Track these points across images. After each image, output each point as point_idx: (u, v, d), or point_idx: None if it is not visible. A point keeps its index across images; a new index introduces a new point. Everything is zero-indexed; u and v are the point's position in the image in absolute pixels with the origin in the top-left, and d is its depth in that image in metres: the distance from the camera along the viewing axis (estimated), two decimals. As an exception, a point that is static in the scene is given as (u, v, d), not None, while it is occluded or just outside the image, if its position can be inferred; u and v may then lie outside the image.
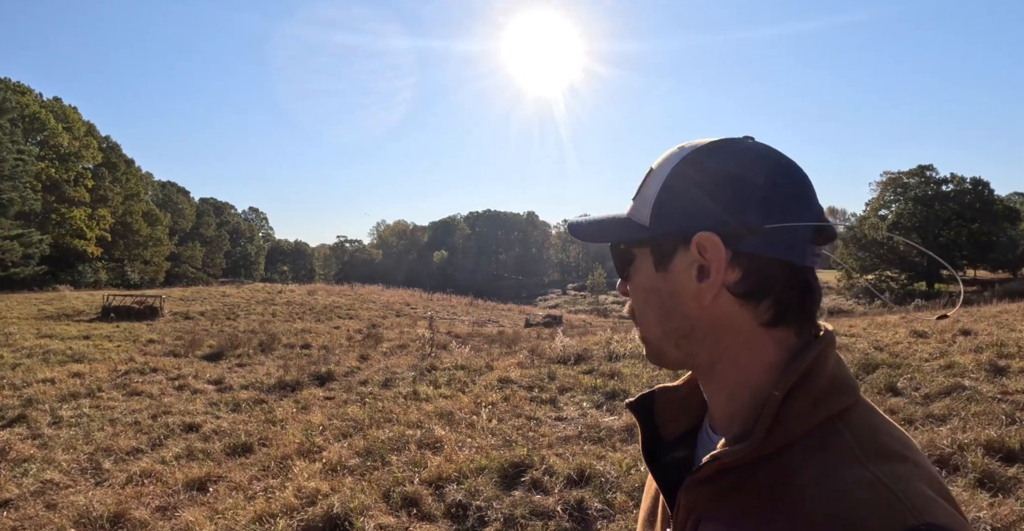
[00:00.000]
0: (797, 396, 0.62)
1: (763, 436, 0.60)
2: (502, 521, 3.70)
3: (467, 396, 7.01)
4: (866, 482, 0.56)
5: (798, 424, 0.61)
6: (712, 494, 0.64)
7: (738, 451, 0.60)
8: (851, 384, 0.65)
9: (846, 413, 0.63)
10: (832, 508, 0.55)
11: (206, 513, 3.88)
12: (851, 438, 0.60)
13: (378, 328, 16.66)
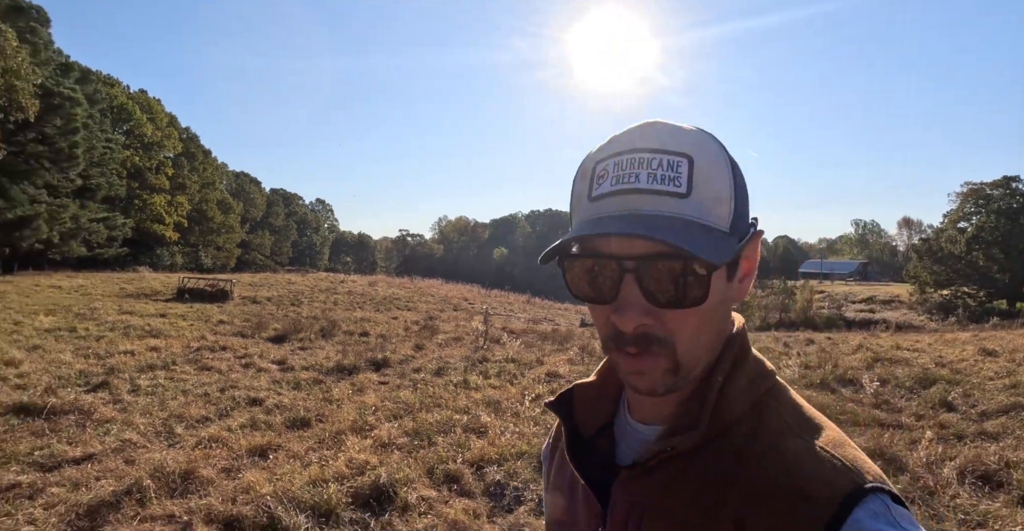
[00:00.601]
0: (735, 379, 0.64)
1: (709, 420, 0.61)
2: (537, 502, 3.90)
3: (515, 387, 7.22)
4: (809, 452, 0.59)
5: (738, 405, 0.63)
6: (656, 485, 0.63)
7: (688, 439, 0.61)
8: (769, 364, 0.69)
9: (772, 391, 0.66)
10: (784, 479, 0.57)
11: (266, 476, 4.21)
12: (784, 413, 0.64)
13: (435, 320, 17.04)
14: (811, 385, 7.41)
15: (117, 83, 52.96)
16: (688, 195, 0.58)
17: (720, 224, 0.60)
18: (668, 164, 0.58)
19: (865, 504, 0.53)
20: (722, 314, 0.63)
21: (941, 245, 43.51)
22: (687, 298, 0.57)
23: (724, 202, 0.60)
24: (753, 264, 0.65)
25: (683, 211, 0.58)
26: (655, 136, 0.61)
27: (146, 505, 3.85)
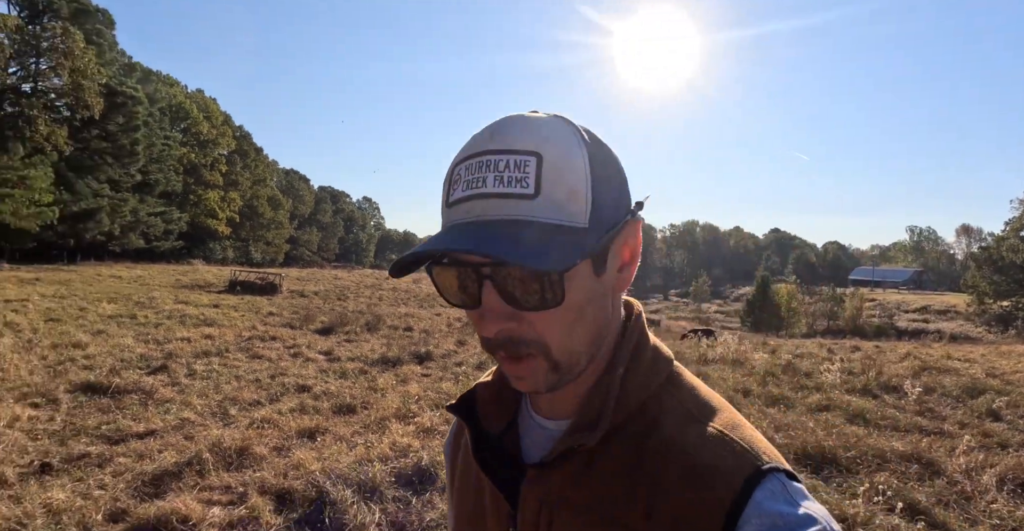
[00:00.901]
0: (635, 369, 0.64)
1: (613, 412, 0.61)
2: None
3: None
4: (710, 436, 0.60)
5: (639, 395, 0.63)
6: (565, 480, 0.63)
7: (596, 434, 0.60)
8: (668, 351, 0.69)
9: (672, 377, 0.66)
10: (687, 466, 0.58)
11: (314, 455, 4.44)
12: (683, 399, 0.64)
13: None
14: (852, 390, 7.34)
15: (176, 83, 54.80)
16: (536, 195, 0.56)
17: (575, 220, 0.57)
18: (515, 164, 0.56)
19: (764, 485, 0.56)
20: (597, 308, 0.61)
21: (1002, 254, 41.86)
22: (544, 301, 0.56)
23: (578, 197, 0.57)
24: (633, 251, 0.63)
25: (532, 212, 0.55)
26: (504, 135, 0.58)
27: (205, 476, 4.12)
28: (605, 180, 0.59)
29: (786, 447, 4.80)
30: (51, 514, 3.55)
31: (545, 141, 0.57)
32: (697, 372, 8.14)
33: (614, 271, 0.62)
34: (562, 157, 0.57)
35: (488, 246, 0.53)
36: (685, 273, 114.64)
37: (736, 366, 8.99)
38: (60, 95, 34.71)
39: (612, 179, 0.61)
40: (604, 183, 0.59)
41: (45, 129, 32.19)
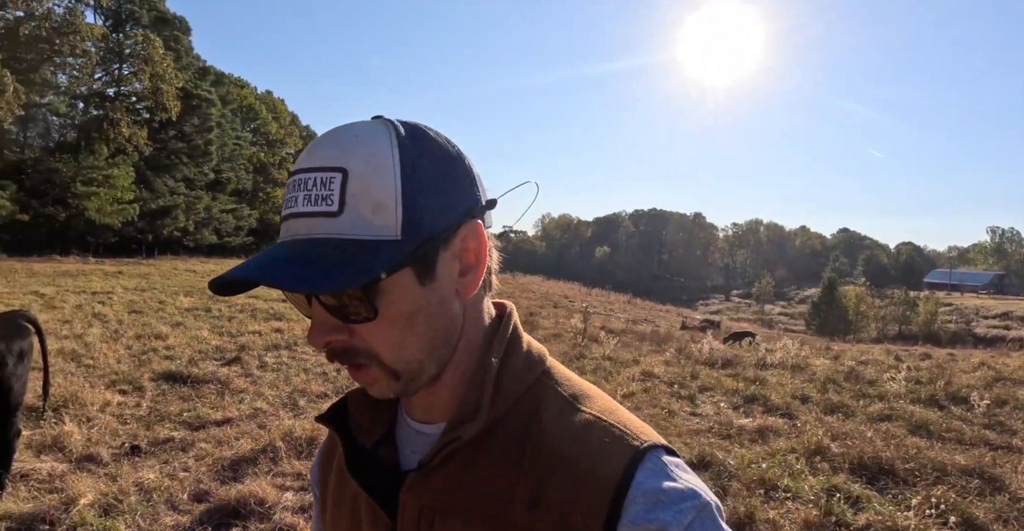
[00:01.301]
0: (508, 363, 0.64)
1: (490, 406, 0.61)
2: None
3: (609, 384, 7.43)
4: (588, 422, 0.61)
5: (515, 388, 0.63)
6: (445, 483, 0.62)
7: (472, 427, 0.60)
8: (542, 347, 0.70)
9: (546, 371, 0.67)
10: (568, 453, 0.59)
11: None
12: (559, 389, 0.65)
13: (535, 316, 17.40)
14: (917, 400, 7.14)
15: (246, 85, 56.84)
16: (340, 212, 0.56)
17: (384, 233, 0.56)
18: (322, 182, 0.57)
19: (644, 465, 0.57)
20: (431, 317, 0.60)
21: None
22: (359, 316, 0.57)
23: (386, 209, 0.57)
24: (477, 253, 0.61)
25: (336, 230, 0.56)
26: (316, 151, 0.59)
27: (278, 463, 4.41)
28: (425, 186, 0.58)
29: (841, 457, 4.77)
30: (142, 492, 3.89)
31: (352, 155, 0.57)
32: (755, 377, 8.08)
33: (452, 276, 0.61)
34: (368, 169, 0.57)
35: (273, 275, 0.54)
36: (747, 273, 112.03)
37: (796, 372, 8.86)
38: (141, 99, 36.61)
39: (436, 183, 0.59)
40: (423, 189, 0.58)
41: (127, 131, 34.01)
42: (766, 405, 6.64)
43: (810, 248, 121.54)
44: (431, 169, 0.60)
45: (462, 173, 0.62)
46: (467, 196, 0.62)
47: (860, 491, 4.12)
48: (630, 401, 6.53)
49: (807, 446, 4.99)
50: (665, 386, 7.43)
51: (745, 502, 3.85)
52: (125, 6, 37.98)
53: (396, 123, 0.61)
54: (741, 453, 4.77)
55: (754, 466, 4.49)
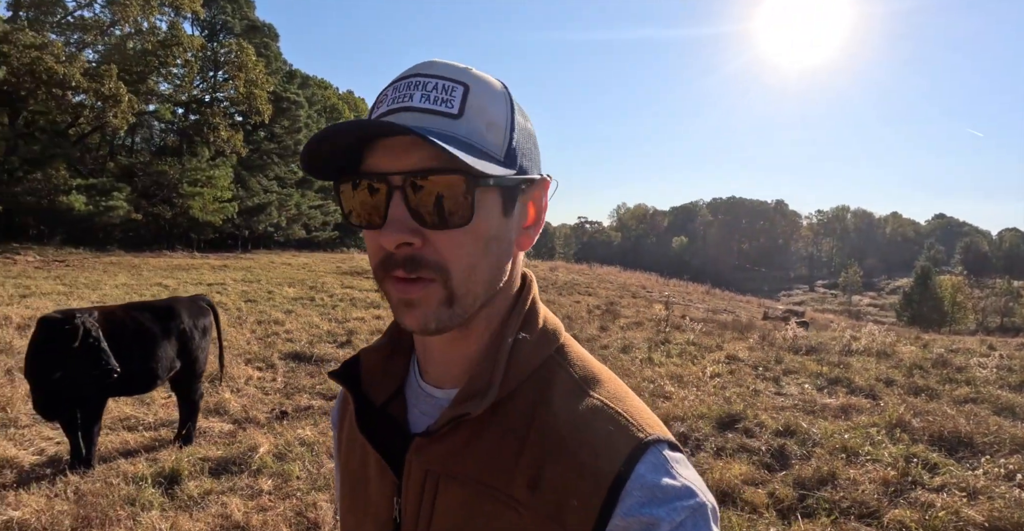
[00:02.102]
0: (523, 340, 0.64)
1: (501, 381, 0.61)
2: (714, 450, 4.63)
3: (696, 366, 7.85)
4: (596, 408, 0.61)
5: (527, 365, 0.63)
6: (450, 450, 0.62)
7: (483, 403, 0.60)
8: (558, 322, 0.70)
9: (560, 349, 0.67)
10: (573, 437, 0.59)
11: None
12: (571, 371, 0.65)
13: (615, 306, 17.77)
14: (1005, 386, 7.16)
15: (329, 86, 59.05)
16: (460, 116, 0.58)
17: (492, 150, 0.59)
18: (443, 88, 0.58)
19: (646, 458, 0.58)
20: (501, 250, 0.61)
21: None
22: (453, 216, 0.56)
23: (498, 130, 0.60)
24: (539, 212, 0.65)
25: (453, 130, 0.57)
26: (436, 65, 0.60)
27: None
28: (524, 132, 0.63)
29: (921, 430, 5.06)
30: (304, 445, 4.66)
31: (472, 79, 0.60)
32: (839, 362, 8.27)
33: (519, 223, 0.63)
34: (487, 93, 0.60)
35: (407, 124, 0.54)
36: (833, 263, 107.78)
37: (881, 358, 8.94)
38: (235, 103, 38.84)
39: (530, 137, 0.64)
40: (522, 133, 0.62)
41: (226, 134, 36.27)
42: (850, 387, 6.89)
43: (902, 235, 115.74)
44: (526, 127, 0.64)
45: (537, 145, 0.67)
46: (540, 163, 0.67)
47: (938, 459, 4.44)
48: (716, 381, 6.94)
49: (888, 420, 5.30)
50: (750, 369, 7.77)
51: (828, 463, 4.28)
52: (219, 16, 40.38)
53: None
54: (824, 425, 5.15)
55: (836, 436, 4.87)
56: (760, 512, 3.64)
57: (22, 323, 9.10)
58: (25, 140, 28.41)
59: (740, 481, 3.99)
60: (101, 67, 27.99)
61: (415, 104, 0.58)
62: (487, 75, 0.63)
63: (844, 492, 3.86)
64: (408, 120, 0.57)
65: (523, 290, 0.68)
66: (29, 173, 27.90)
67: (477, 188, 0.57)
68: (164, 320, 4.57)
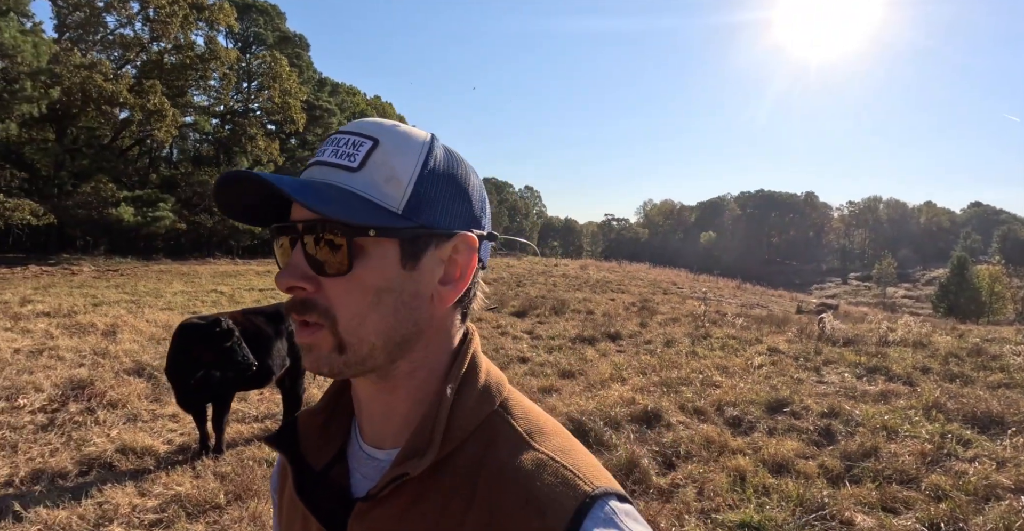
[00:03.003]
0: (464, 395, 0.64)
1: (441, 440, 0.60)
2: (766, 430, 5.15)
3: (739, 358, 8.34)
4: (542, 462, 0.60)
5: (469, 422, 0.63)
6: (393, 514, 0.61)
7: (423, 462, 0.59)
8: (501, 376, 0.69)
9: (504, 403, 0.66)
10: (521, 493, 0.58)
11: (560, 402, 5.89)
12: (515, 424, 0.64)
13: (649, 303, 18.22)
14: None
15: (358, 92, 60.18)
16: (358, 169, 0.60)
17: (387, 202, 0.60)
18: (352, 143, 0.62)
19: (593, 513, 0.57)
20: (400, 303, 0.61)
21: None
22: (331, 265, 0.59)
23: (398, 183, 0.60)
24: (461, 271, 0.64)
25: (350, 183, 0.60)
26: (363, 123, 0.64)
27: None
28: (439, 187, 0.62)
29: (956, 411, 5.52)
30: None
31: (388, 134, 0.63)
32: (876, 352, 8.68)
33: (432, 279, 0.63)
34: (397, 148, 0.62)
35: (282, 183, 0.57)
36: (866, 255, 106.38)
37: (918, 348, 9.28)
38: (270, 113, 39.98)
39: (449, 191, 0.63)
40: (436, 187, 0.62)
41: (263, 143, 37.41)
42: (888, 375, 7.33)
43: (937, 225, 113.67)
44: (448, 178, 0.63)
45: (475, 199, 0.66)
46: (472, 217, 0.65)
47: (971, 435, 4.91)
48: (760, 372, 7.42)
49: (925, 403, 5.76)
50: (791, 360, 8.23)
51: (870, 439, 4.79)
52: (251, 29, 41.59)
53: (435, 136, 0.66)
54: (866, 408, 5.64)
55: (877, 417, 5.36)
56: (812, 479, 4.17)
57: (107, 330, 9.91)
58: (72, 155, 29.73)
59: (793, 455, 4.52)
60: (146, 83, 29.15)
61: (324, 159, 0.62)
62: (413, 130, 0.65)
63: (886, 463, 4.36)
64: (316, 174, 0.62)
65: (463, 345, 0.68)
66: (78, 187, 29.18)
67: (356, 238, 0.59)
68: (275, 323, 5.20)
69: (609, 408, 5.40)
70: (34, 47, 23.54)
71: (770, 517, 3.58)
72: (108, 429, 5.29)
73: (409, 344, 0.63)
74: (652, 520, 3.46)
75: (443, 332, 0.66)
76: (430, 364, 0.65)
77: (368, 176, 0.61)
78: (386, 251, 0.60)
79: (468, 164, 0.67)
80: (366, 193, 0.60)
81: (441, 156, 0.64)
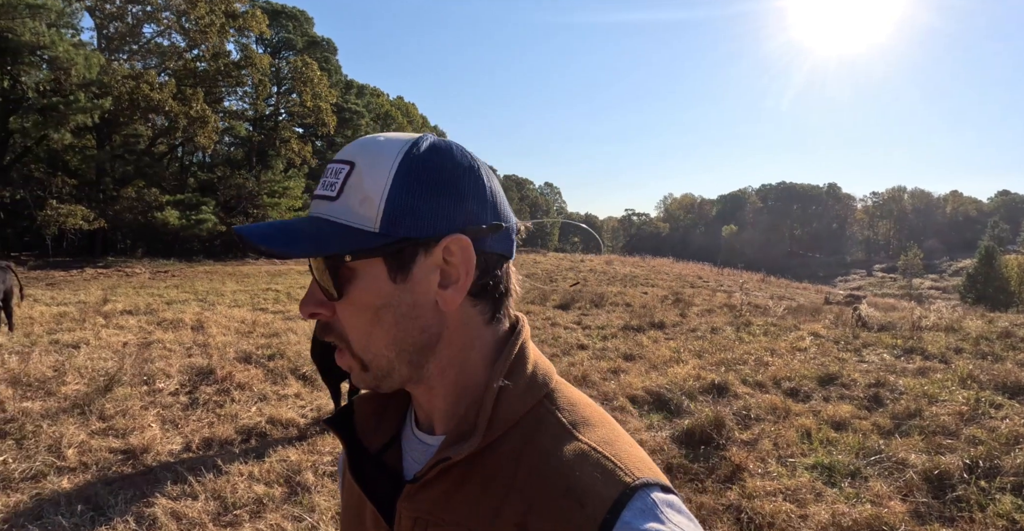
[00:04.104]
0: (513, 383, 0.65)
1: (485, 428, 0.62)
2: (821, 398, 5.92)
3: (783, 342, 9.04)
4: (584, 452, 0.61)
5: (514, 411, 0.64)
6: (438, 497, 0.64)
7: (465, 447, 0.61)
8: (550, 367, 0.70)
9: (550, 394, 0.67)
10: (559, 483, 0.59)
11: (637, 379, 6.66)
12: (560, 415, 0.65)
13: (681, 295, 18.85)
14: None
15: (382, 93, 61.12)
16: (337, 198, 0.63)
17: (364, 223, 0.62)
18: (334, 172, 0.64)
19: (632, 503, 0.58)
20: (400, 315, 0.63)
21: None
22: (329, 292, 0.63)
23: (371, 203, 0.61)
24: (458, 270, 0.63)
25: (331, 212, 0.63)
26: (346, 147, 0.66)
27: (571, 389, 6.51)
28: (416, 192, 0.62)
29: (988, 382, 6.21)
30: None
31: (364, 153, 0.64)
32: (911, 336, 9.32)
33: (430, 285, 0.63)
34: (369, 167, 0.63)
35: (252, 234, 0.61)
36: (891, 246, 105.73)
37: (950, 332, 9.88)
38: (302, 117, 41.06)
39: (430, 193, 0.63)
40: (412, 195, 0.62)
41: (297, 146, 38.52)
42: (924, 354, 7.99)
43: (963, 215, 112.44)
44: (428, 182, 0.63)
45: (468, 192, 0.64)
46: (465, 214, 0.64)
47: (1002, 400, 5.63)
48: (805, 354, 8.13)
49: (960, 375, 6.47)
50: (831, 343, 8.92)
51: (914, 403, 5.54)
52: (281, 34, 42.64)
53: (425, 137, 0.66)
54: (907, 380, 6.38)
55: (917, 387, 6.09)
56: (868, 434, 4.92)
57: (194, 325, 10.83)
58: (114, 162, 30.98)
59: (848, 416, 5.29)
60: (188, 91, 30.31)
61: (317, 192, 0.66)
62: (392, 139, 0.65)
63: (929, 420, 5.11)
64: (313, 208, 0.66)
65: (512, 336, 0.69)
66: (120, 192, 30.39)
67: (341, 266, 0.62)
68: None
69: (681, 382, 6.17)
70: (85, 59, 24.74)
71: (837, 460, 4.36)
72: (247, 406, 6.14)
73: (427, 349, 0.65)
74: (740, 465, 4.25)
75: (464, 330, 0.66)
76: (459, 361, 0.67)
77: (345, 202, 0.63)
78: (374, 270, 0.62)
79: (464, 157, 0.66)
80: (344, 219, 0.63)
81: (420, 160, 0.64)
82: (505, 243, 0.67)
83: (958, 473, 4.05)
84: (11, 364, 7.27)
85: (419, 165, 0.63)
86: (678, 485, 4.11)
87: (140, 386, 6.60)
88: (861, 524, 3.46)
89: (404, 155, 0.63)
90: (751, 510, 3.70)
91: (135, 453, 4.80)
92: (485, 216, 0.65)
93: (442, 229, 0.63)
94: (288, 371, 7.29)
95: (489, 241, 0.65)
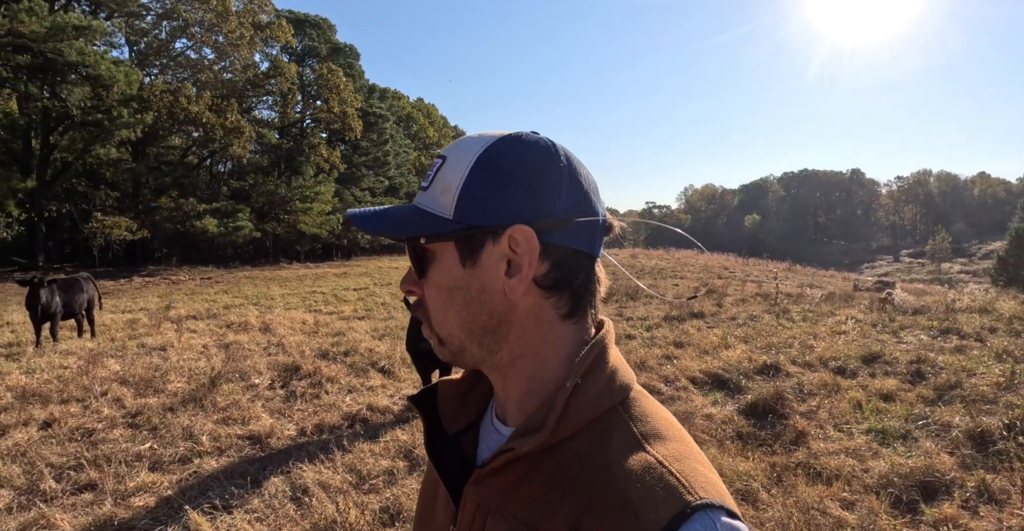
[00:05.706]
0: (585, 387, 0.65)
1: (554, 426, 0.63)
2: (868, 375, 6.45)
3: (822, 327, 9.52)
4: (648, 465, 0.61)
5: (585, 413, 0.65)
6: (502, 486, 0.66)
7: (530, 441, 0.62)
8: (630, 374, 0.71)
9: (626, 401, 0.68)
10: (620, 493, 0.59)
11: (693, 364, 7.21)
12: (632, 424, 0.65)
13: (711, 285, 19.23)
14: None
15: (403, 96, 61.85)
16: (427, 188, 0.70)
17: (441, 211, 0.67)
18: (433, 166, 0.70)
19: (690, 524, 0.56)
20: (469, 298, 0.67)
21: None
22: (416, 270, 0.70)
23: (449, 192, 0.66)
24: (520, 262, 0.66)
25: (423, 201, 0.70)
26: (454, 143, 0.71)
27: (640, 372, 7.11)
28: (490, 186, 0.66)
29: (1020, 357, 6.68)
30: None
31: (456, 147, 0.70)
32: (946, 318, 9.73)
33: (498, 272, 0.66)
34: (455, 160, 0.68)
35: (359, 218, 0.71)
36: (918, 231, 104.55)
37: (983, 314, 10.25)
38: (328, 122, 41.93)
39: (498, 183, 0.66)
40: (484, 187, 0.66)
41: (326, 152, 39.42)
42: (960, 334, 8.42)
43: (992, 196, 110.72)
44: (503, 172, 0.66)
45: (544, 185, 0.67)
46: (535, 206, 0.66)
47: (1030, 371, 6.12)
48: (846, 336, 8.62)
49: (996, 351, 6.94)
50: (870, 326, 9.38)
51: (955, 376, 6.05)
52: (305, 43, 43.54)
53: (516, 132, 0.70)
54: (946, 357, 6.87)
55: (956, 362, 6.59)
56: (913, 404, 5.46)
57: (261, 327, 11.53)
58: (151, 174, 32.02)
59: (894, 388, 5.81)
60: (222, 102, 31.28)
61: (422, 184, 0.72)
62: (483, 136, 0.70)
63: (969, 390, 5.62)
64: (415, 197, 0.73)
65: (596, 337, 0.70)
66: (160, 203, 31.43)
67: (425, 246, 0.68)
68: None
69: (736, 364, 6.74)
70: (125, 76, 25.72)
71: (889, 425, 4.94)
72: (341, 397, 6.77)
73: (494, 334, 0.68)
74: (803, 431, 4.84)
75: (537, 322, 0.68)
76: (530, 353, 0.69)
77: (432, 191, 0.69)
78: (448, 254, 0.67)
79: (548, 152, 0.68)
80: (428, 207, 0.69)
81: (499, 154, 0.67)
82: (585, 239, 0.68)
83: (998, 431, 4.58)
84: (114, 366, 8.02)
85: (496, 158, 0.67)
86: (750, 449, 4.66)
87: (238, 382, 7.27)
88: (916, 472, 4.02)
89: (485, 149, 0.68)
90: (819, 466, 4.27)
91: (260, 438, 5.44)
92: (557, 210, 0.67)
93: (507, 219, 0.65)
94: (367, 365, 7.92)
95: (560, 234, 0.66)
